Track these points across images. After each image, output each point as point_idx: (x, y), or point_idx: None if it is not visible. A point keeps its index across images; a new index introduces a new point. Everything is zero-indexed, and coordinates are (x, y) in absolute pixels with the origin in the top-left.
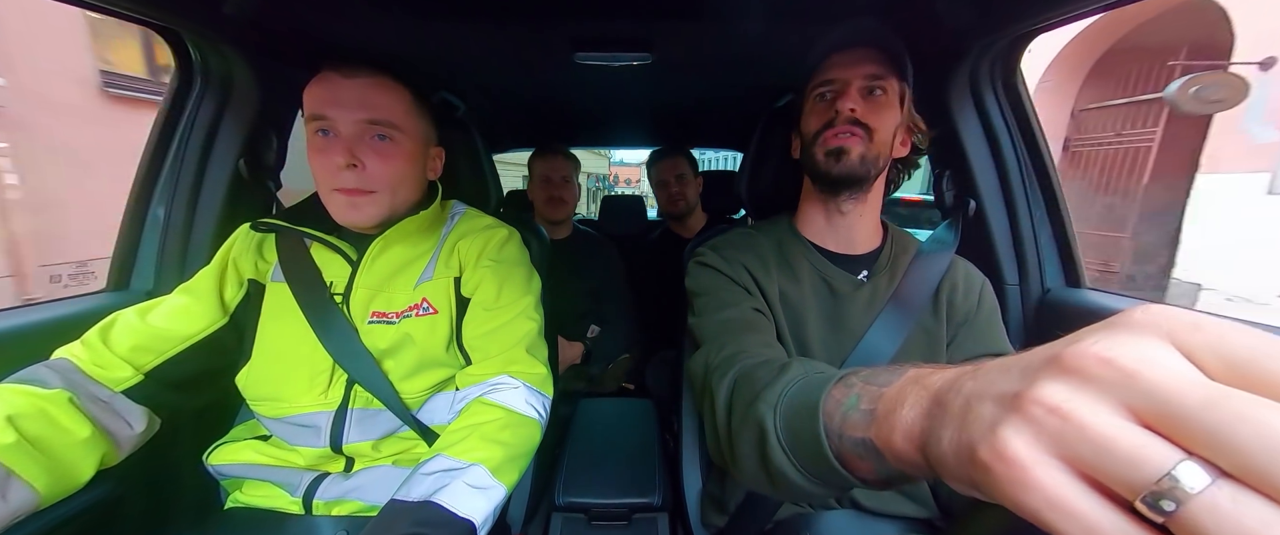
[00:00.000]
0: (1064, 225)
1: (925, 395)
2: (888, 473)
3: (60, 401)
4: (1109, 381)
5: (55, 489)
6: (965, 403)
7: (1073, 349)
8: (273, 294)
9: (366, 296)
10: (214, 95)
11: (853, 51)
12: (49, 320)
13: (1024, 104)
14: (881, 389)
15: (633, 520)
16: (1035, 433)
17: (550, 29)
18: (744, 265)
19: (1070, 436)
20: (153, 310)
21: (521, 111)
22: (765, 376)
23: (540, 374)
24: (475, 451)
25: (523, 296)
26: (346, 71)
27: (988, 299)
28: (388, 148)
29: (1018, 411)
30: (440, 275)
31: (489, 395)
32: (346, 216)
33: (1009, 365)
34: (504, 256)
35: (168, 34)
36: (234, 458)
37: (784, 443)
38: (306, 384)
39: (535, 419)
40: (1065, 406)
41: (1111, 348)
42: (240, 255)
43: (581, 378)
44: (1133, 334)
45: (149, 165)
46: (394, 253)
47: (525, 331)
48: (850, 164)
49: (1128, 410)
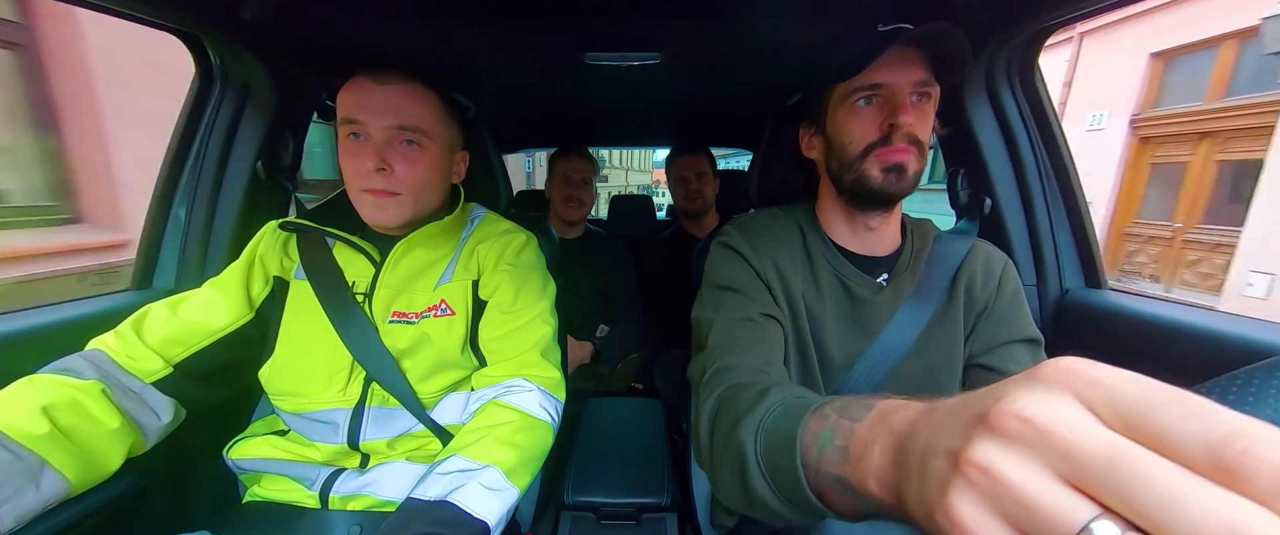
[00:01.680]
0: (1084, 225)
1: (891, 440)
2: (864, 509)
3: (93, 392)
4: (1028, 441)
5: (85, 478)
6: (921, 457)
7: (996, 408)
8: (296, 291)
9: (388, 297)
10: (233, 98)
11: (899, 51)
12: (73, 318)
13: (1042, 101)
14: (853, 424)
15: (641, 520)
16: (975, 495)
17: (559, 30)
18: (771, 254)
19: (1002, 497)
20: (183, 304)
21: (531, 112)
22: (747, 402)
23: (554, 378)
24: (490, 453)
25: (538, 301)
26: (379, 77)
27: (1010, 281)
28: (415, 153)
29: (959, 473)
30: (459, 277)
31: (504, 397)
32: (373, 216)
33: (955, 412)
34: (521, 261)
35: (188, 38)
36: (253, 452)
37: (764, 470)
38: (326, 380)
39: (548, 422)
40: (994, 468)
41: (1027, 406)
42: (267, 252)
43: (590, 377)
44: (1045, 390)
45: (170, 167)
46: (417, 255)
47: (540, 335)
48: (907, 184)
49: (1048, 468)
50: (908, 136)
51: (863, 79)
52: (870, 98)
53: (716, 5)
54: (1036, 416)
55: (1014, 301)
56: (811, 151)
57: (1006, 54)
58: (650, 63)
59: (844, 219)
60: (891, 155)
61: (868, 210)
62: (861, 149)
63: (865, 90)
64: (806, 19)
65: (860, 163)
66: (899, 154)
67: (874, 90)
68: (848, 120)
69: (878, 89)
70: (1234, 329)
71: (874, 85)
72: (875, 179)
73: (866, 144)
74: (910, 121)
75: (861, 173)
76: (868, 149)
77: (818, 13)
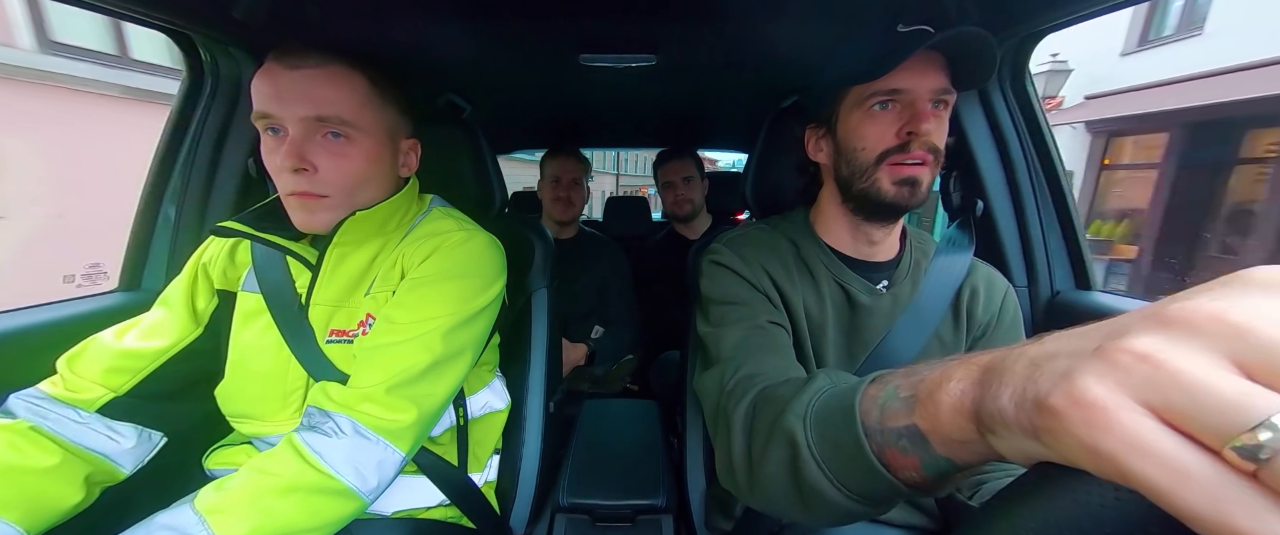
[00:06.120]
0: (1073, 227)
1: (975, 369)
2: (935, 464)
3: (22, 430)
4: (1216, 334)
5: (35, 519)
6: (1030, 363)
7: (1179, 304)
8: (242, 304)
9: (326, 313)
10: (224, 97)
11: (920, 57)
12: (61, 319)
13: (1032, 104)
14: (921, 376)
15: (637, 522)
16: (1119, 379)
17: (556, 31)
18: (765, 268)
19: (1161, 381)
20: (128, 332)
21: (527, 113)
22: (788, 392)
23: (398, 425)
24: (229, 517)
25: (433, 319)
26: (290, 62)
27: (1010, 307)
28: (342, 147)
29: (1102, 359)
30: (381, 287)
31: (304, 437)
32: (303, 222)
33: (1086, 330)
34: (444, 264)
35: (179, 37)
36: (229, 461)
37: (817, 455)
38: (279, 402)
39: (348, 488)
40: (1159, 355)
41: (1224, 303)
42: (211, 262)
43: (586, 379)
44: (1248, 291)
45: (160, 166)
46: (355, 260)
47: (409, 365)
48: (921, 196)
49: (1232, 362)
50: (926, 144)
51: (881, 83)
52: (887, 103)
53: (713, 7)
54: (1232, 312)
55: (1013, 328)
56: (819, 155)
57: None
58: (646, 64)
59: (846, 226)
60: (906, 168)
61: (873, 221)
62: (876, 156)
63: (883, 95)
64: (803, 21)
65: (873, 170)
66: (914, 167)
67: (892, 95)
68: (863, 125)
69: (897, 94)
70: None
71: (893, 90)
72: (887, 191)
73: (882, 150)
74: (930, 129)
75: (873, 181)
76: (883, 156)
77: (814, 15)
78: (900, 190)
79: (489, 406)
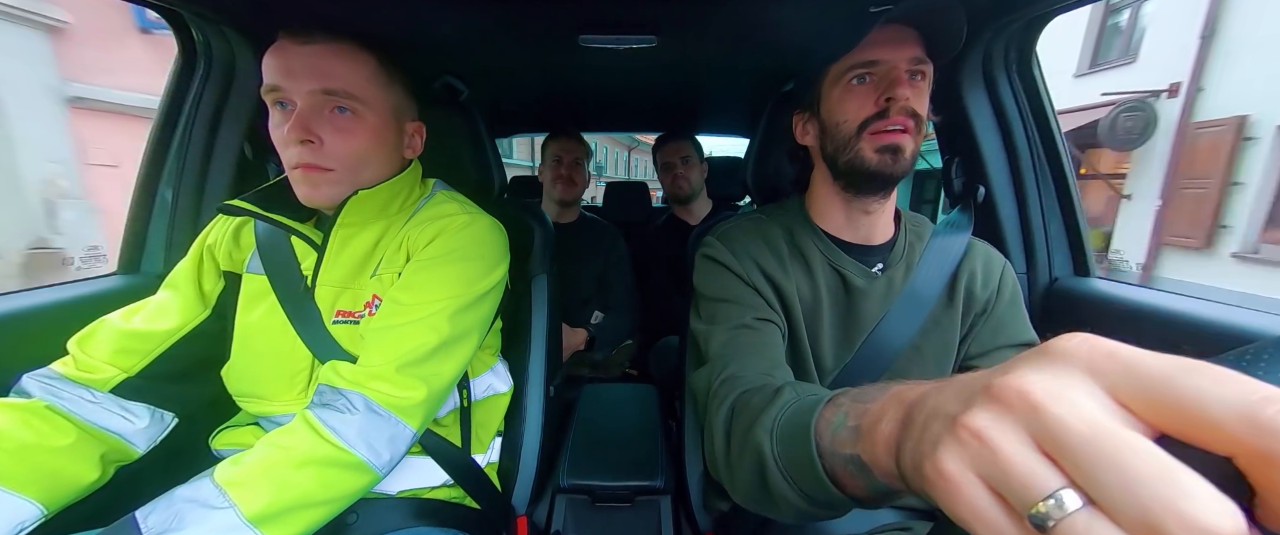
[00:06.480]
0: (1074, 214)
1: (901, 409)
2: (875, 488)
3: (38, 409)
4: (1021, 412)
5: (55, 496)
6: (925, 420)
7: (999, 381)
8: (248, 285)
9: (331, 294)
10: (218, 77)
11: (893, 29)
12: (61, 301)
13: (1038, 89)
14: (866, 406)
15: (636, 502)
16: (962, 454)
17: (555, 11)
18: (756, 261)
19: (986, 458)
20: (137, 314)
21: (526, 95)
22: (760, 403)
23: (409, 402)
24: (248, 487)
25: (439, 300)
26: (301, 38)
27: (1009, 284)
28: (348, 122)
29: (952, 434)
30: (388, 268)
31: (318, 412)
32: (306, 195)
33: (962, 386)
34: (448, 246)
35: (170, 15)
36: (236, 441)
37: (782, 467)
38: (286, 382)
39: (362, 461)
40: (984, 432)
41: (1029, 381)
42: (216, 244)
43: (585, 363)
44: (1052, 366)
45: (155, 148)
46: (360, 241)
47: (418, 344)
48: (905, 163)
49: (1033, 439)
50: (904, 109)
51: (856, 57)
52: (864, 76)
53: None
54: (1033, 391)
55: (1013, 305)
56: (805, 138)
57: (1004, 41)
58: (646, 46)
59: (840, 206)
60: (886, 135)
61: (863, 194)
62: (856, 126)
63: (860, 68)
64: (801, 2)
65: (856, 141)
66: (895, 133)
67: (869, 67)
68: (843, 99)
69: (872, 66)
70: (1220, 314)
71: (869, 62)
72: (870, 159)
73: (862, 119)
74: (907, 94)
75: (856, 152)
76: (863, 125)
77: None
78: (883, 158)
79: (492, 389)
